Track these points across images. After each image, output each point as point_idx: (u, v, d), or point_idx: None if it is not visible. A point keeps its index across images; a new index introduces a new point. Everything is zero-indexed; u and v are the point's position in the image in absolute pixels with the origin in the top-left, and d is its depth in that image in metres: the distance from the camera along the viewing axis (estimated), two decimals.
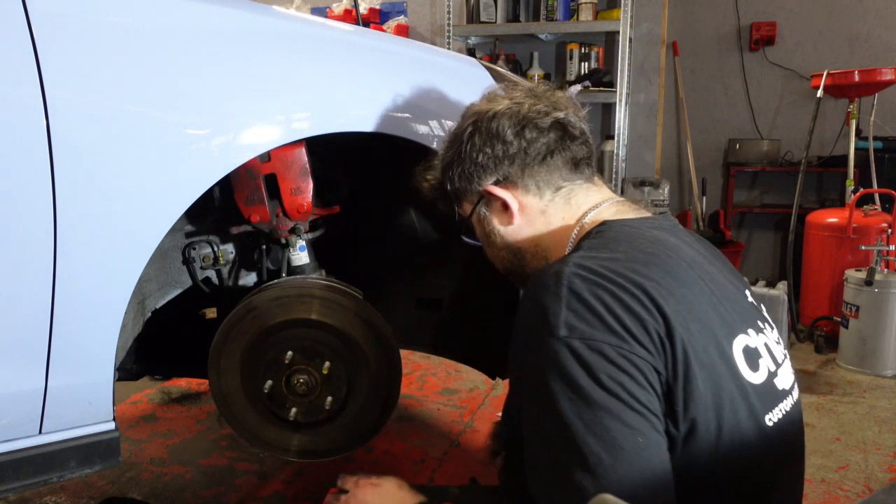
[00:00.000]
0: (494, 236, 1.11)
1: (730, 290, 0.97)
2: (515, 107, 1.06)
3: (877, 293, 3.02)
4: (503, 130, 1.04)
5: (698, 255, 0.99)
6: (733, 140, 4.34)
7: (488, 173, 1.06)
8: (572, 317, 0.82)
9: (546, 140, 1.04)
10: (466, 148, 1.07)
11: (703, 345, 0.85)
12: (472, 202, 1.10)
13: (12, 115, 0.98)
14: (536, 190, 1.06)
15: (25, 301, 1.03)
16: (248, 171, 1.35)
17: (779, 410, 0.93)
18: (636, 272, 0.86)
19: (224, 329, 1.39)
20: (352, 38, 1.36)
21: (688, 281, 0.90)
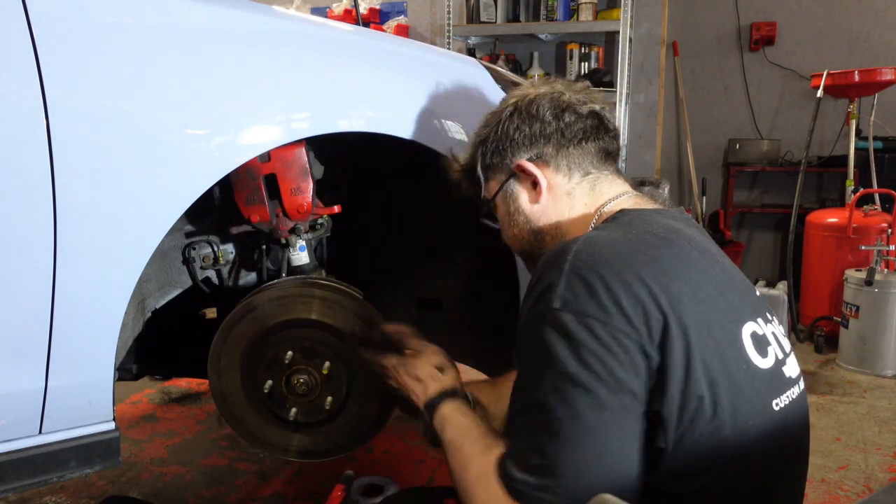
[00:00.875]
0: (518, 214, 1.12)
1: (740, 281, 1.00)
2: (556, 94, 1.10)
3: (877, 293, 3.02)
4: (543, 111, 1.08)
5: (711, 246, 1.02)
6: (733, 140, 4.34)
7: (523, 149, 1.09)
8: (568, 291, 0.85)
9: (583, 125, 1.09)
10: (505, 125, 1.10)
11: (708, 326, 0.87)
12: (501, 180, 1.13)
13: (12, 115, 0.98)
14: (567, 171, 1.09)
15: (25, 301, 1.03)
16: (248, 171, 1.35)
17: (786, 397, 0.94)
18: (643, 252, 0.89)
19: (224, 329, 1.39)
20: (352, 39, 1.36)
21: (698, 266, 0.92)
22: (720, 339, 0.88)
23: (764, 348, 0.93)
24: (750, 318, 0.94)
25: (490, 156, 1.13)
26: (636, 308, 0.84)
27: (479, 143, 1.15)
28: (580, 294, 0.85)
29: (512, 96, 1.14)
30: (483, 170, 1.14)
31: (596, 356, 0.82)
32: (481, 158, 1.14)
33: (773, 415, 0.91)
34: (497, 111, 1.14)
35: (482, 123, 1.17)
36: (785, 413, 0.93)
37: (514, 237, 1.15)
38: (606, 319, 0.83)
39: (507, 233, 1.17)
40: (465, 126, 1.41)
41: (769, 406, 0.91)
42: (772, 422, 0.91)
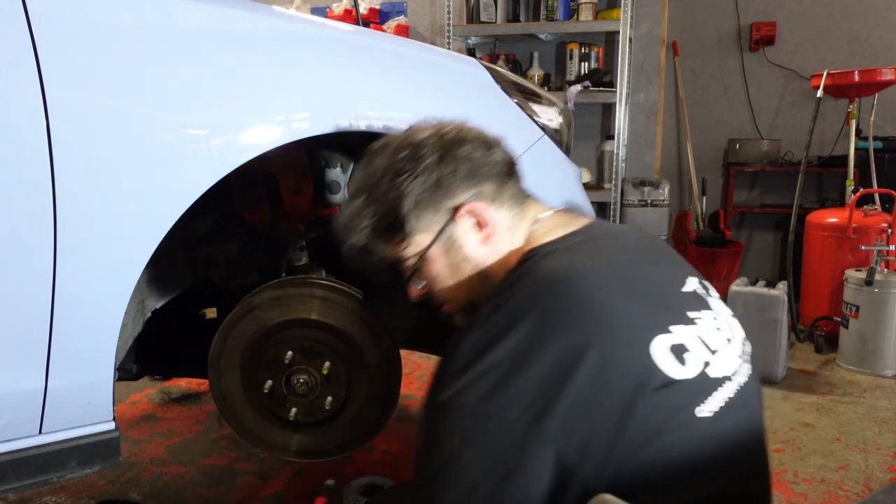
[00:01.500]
0: (465, 262, 1.05)
1: (657, 289, 0.97)
2: (471, 132, 1.07)
3: (877, 293, 3.02)
4: (471, 150, 1.04)
5: (626, 261, 0.99)
6: (733, 140, 4.34)
7: (460, 192, 1.03)
8: (456, 379, 0.85)
9: (507, 159, 1.07)
10: (432, 171, 1.02)
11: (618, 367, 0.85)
12: (435, 230, 1.04)
13: (12, 115, 0.98)
14: (507, 205, 1.06)
15: (25, 301, 1.03)
16: (248, 171, 1.35)
17: (716, 400, 0.91)
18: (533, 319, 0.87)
19: (224, 329, 1.39)
20: (352, 39, 1.36)
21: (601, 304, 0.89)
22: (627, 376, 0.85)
23: (681, 357, 0.89)
24: (661, 330, 0.90)
25: (419, 208, 1.02)
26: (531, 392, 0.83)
27: (396, 197, 1.02)
28: (472, 385, 0.84)
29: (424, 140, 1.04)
30: (410, 226, 1.03)
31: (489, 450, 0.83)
32: (410, 210, 1.02)
33: (698, 423, 0.88)
34: (411, 157, 1.03)
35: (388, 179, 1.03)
36: (719, 416, 0.90)
37: (456, 289, 1.07)
38: (500, 411, 0.83)
39: (447, 287, 1.07)
40: None
41: (693, 417, 0.88)
42: (701, 432, 0.88)
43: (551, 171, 1.61)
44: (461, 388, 0.85)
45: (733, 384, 0.95)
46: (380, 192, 1.04)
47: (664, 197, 4.16)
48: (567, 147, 1.72)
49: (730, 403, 0.93)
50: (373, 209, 1.04)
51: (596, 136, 4.57)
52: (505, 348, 0.85)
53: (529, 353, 0.85)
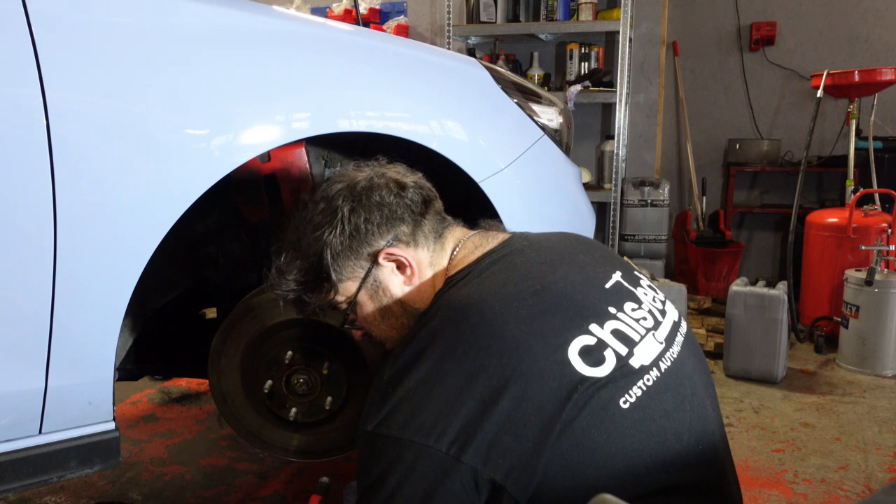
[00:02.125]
0: (392, 303, 1.10)
1: (572, 292, 0.99)
2: (383, 177, 1.11)
3: (877, 293, 3.02)
4: (383, 196, 1.08)
5: (551, 262, 1.03)
6: (733, 140, 4.34)
7: (378, 238, 1.08)
8: (378, 412, 0.91)
9: (421, 195, 1.12)
10: (349, 220, 1.06)
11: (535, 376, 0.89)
12: (359, 277, 1.09)
13: (12, 115, 0.98)
14: (424, 242, 1.10)
15: (25, 301, 1.03)
16: (248, 171, 1.35)
17: (637, 388, 0.93)
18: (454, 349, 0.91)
19: (224, 329, 1.39)
20: (352, 39, 1.36)
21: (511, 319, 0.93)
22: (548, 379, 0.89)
23: (598, 356, 0.93)
24: (579, 331, 0.94)
25: (341, 257, 1.07)
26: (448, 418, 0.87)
27: (318, 250, 1.08)
28: (384, 418, 0.90)
29: (337, 192, 1.09)
30: (336, 276, 1.08)
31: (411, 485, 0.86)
32: (332, 265, 1.07)
33: (627, 413, 0.91)
34: (326, 210, 1.08)
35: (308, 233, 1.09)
36: (641, 402, 0.92)
37: (391, 329, 1.12)
38: (421, 440, 0.87)
39: (381, 328, 1.13)
40: (464, 126, 1.41)
41: (617, 406, 0.90)
42: (625, 421, 0.90)
43: (551, 171, 1.61)
44: (382, 419, 0.91)
45: (657, 370, 0.97)
46: (302, 246, 1.10)
47: (664, 197, 4.16)
48: (567, 147, 1.72)
49: (656, 387, 0.95)
50: (298, 264, 1.10)
51: (596, 136, 4.57)
52: (416, 378, 0.91)
53: (439, 381, 0.89)
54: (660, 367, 0.98)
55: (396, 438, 0.89)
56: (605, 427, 0.89)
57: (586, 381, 0.90)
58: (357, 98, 1.28)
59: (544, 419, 0.87)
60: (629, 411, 0.91)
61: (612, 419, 0.90)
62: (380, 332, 1.14)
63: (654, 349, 0.99)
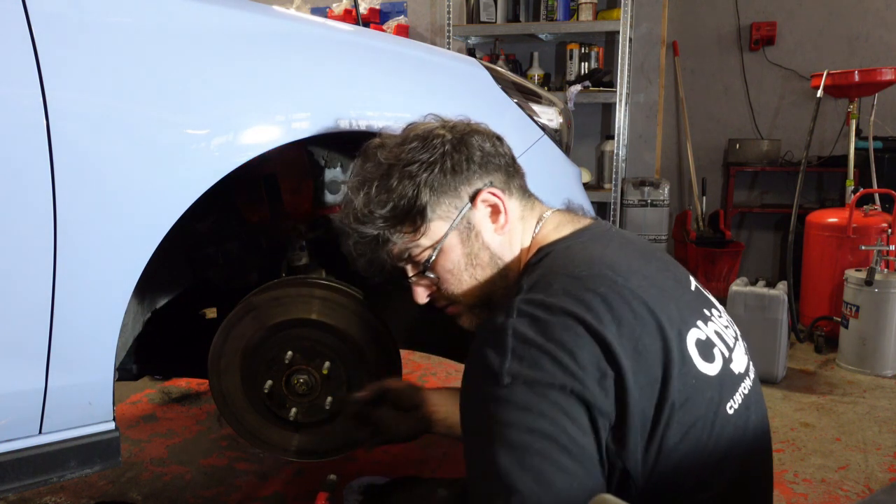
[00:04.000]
0: (483, 251, 1.04)
1: (672, 288, 0.97)
2: (478, 126, 1.09)
3: (877, 293, 3.02)
4: (482, 142, 1.05)
5: (635, 261, 0.98)
6: (733, 140, 4.34)
7: (476, 180, 1.03)
8: (516, 364, 0.83)
9: (511, 152, 1.10)
10: (450, 159, 1.02)
11: (657, 358, 0.86)
12: (451, 217, 1.02)
13: (12, 115, 0.97)
14: (518, 195, 1.08)
15: (25, 301, 1.03)
16: (248, 171, 1.35)
17: (739, 395, 0.94)
18: (578, 304, 0.86)
19: (224, 329, 1.39)
20: (352, 38, 1.36)
21: (628, 295, 0.89)
22: (673, 364, 0.87)
23: (709, 352, 0.92)
24: (691, 324, 0.93)
25: (438, 192, 1.01)
26: (585, 367, 0.83)
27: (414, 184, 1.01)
28: (530, 364, 0.83)
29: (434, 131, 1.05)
30: (431, 209, 1.01)
31: (557, 424, 0.81)
32: (428, 197, 1.00)
33: (728, 419, 0.91)
34: (422, 147, 1.02)
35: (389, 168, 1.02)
36: (740, 412, 0.93)
37: (472, 283, 1.05)
38: (560, 385, 0.82)
39: (463, 279, 1.05)
40: None
41: (723, 412, 0.91)
42: (730, 426, 0.91)
43: (551, 171, 1.61)
44: (525, 368, 0.83)
45: (749, 380, 0.98)
46: (392, 182, 1.01)
47: (664, 197, 4.16)
48: (567, 147, 1.72)
49: (748, 398, 0.96)
50: (386, 197, 1.01)
51: (596, 136, 4.57)
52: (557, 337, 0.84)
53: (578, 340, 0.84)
54: (750, 376, 0.99)
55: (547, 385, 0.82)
56: (709, 426, 0.89)
57: (702, 375, 0.89)
58: (357, 98, 1.28)
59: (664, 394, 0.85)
60: (732, 416, 0.91)
61: (718, 420, 0.89)
62: (458, 284, 1.05)
63: (743, 357, 1.00)
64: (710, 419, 0.89)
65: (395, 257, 1.06)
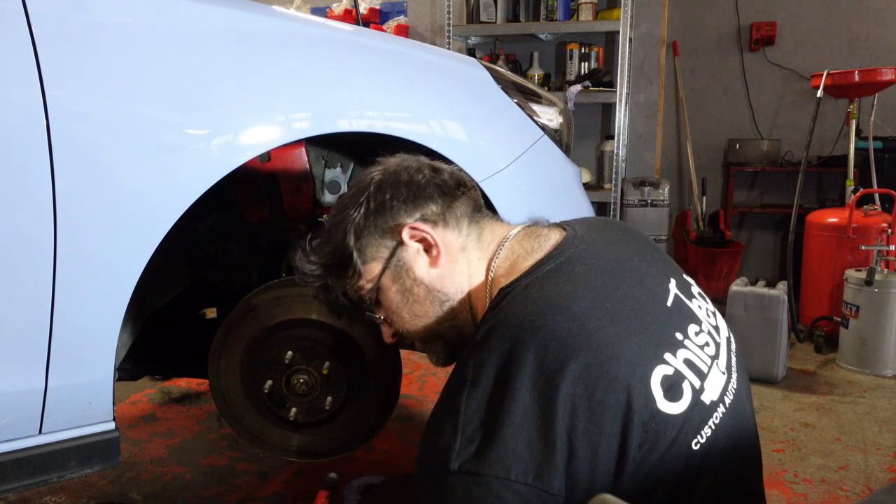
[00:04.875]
0: (418, 287, 1.03)
1: (639, 313, 0.92)
2: (416, 161, 1.07)
3: (877, 293, 3.02)
4: (414, 174, 1.04)
5: (601, 286, 0.93)
6: (733, 140, 4.34)
7: (404, 214, 1.02)
8: (464, 449, 0.81)
9: (455, 179, 1.06)
10: (376, 198, 1.02)
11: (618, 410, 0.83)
12: (384, 257, 1.03)
13: (12, 115, 0.98)
14: (455, 224, 1.04)
15: (25, 301, 1.03)
16: (248, 171, 1.35)
17: (707, 428, 0.90)
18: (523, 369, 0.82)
19: (224, 329, 1.39)
20: (352, 39, 1.36)
21: (595, 331, 0.85)
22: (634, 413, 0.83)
23: (677, 389, 0.88)
24: (658, 360, 0.88)
25: (365, 235, 1.02)
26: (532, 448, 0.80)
27: (341, 231, 1.03)
28: (475, 451, 0.81)
29: (369, 172, 1.06)
30: (359, 256, 1.02)
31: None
32: (354, 240, 1.02)
33: (693, 454, 0.88)
34: (355, 192, 1.05)
35: (335, 214, 1.06)
36: (706, 445, 0.89)
37: (415, 317, 1.05)
38: (504, 474, 0.79)
39: (405, 316, 1.05)
40: (464, 126, 1.41)
41: (686, 449, 0.87)
42: (696, 461, 0.88)
43: (551, 171, 1.61)
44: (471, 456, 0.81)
45: (723, 406, 0.94)
46: (332, 231, 1.06)
47: (664, 197, 4.16)
48: (567, 147, 1.72)
49: (722, 423, 0.93)
50: (323, 247, 1.06)
51: (596, 136, 4.57)
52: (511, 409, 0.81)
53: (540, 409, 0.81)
54: (725, 403, 0.94)
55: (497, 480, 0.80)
56: (674, 467, 0.86)
57: (662, 417, 0.85)
58: (357, 98, 1.28)
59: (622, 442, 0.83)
60: (698, 452, 0.88)
61: (683, 461, 0.87)
62: (402, 322, 1.07)
63: (719, 382, 0.95)
64: (673, 456, 0.86)
65: (345, 298, 1.11)
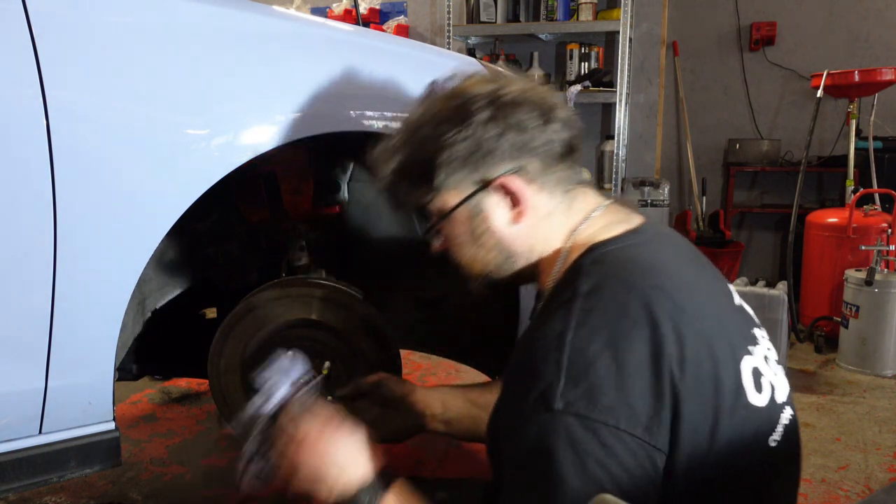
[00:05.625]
0: (487, 236, 0.96)
1: (725, 304, 0.93)
2: (538, 96, 0.95)
3: (877, 293, 3.02)
4: (527, 120, 0.92)
5: (691, 271, 0.93)
6: (733, 140, 4.34)
7: (502, 162, 0.92)
8: (570, 389, 0.77)
9: (566, 136, 0.95)
10: (479, 131, 0.91)
11: (717, 384, 0.82)
12: (464, 193, 0.95)
13: (12, 115, 0.97)
14: (550, 190, 0.95)
15: (25, 301, 1.03)
16: (248, 171, 1.35)
17: (780, 426, 0.91)
18: (637, 324, 0.80)
19: (224, 329, 1.39)
20: (352, 39, 1.36)
21: (692, 312, 0.84)
22: (727, 394, 0.83)
23: (760, 382, 0.88)
24: (745, 351, 0.88)
25: (455, 164, 0.93)
26: (643, 401, 0.78)
27: (433, 147, 0.93)
28: (585, 392, 0.77)
29: (479, 94, 0.93)
30: (441, 179, 0.94)
31: (602, 465, 0.76)
32: (441, 165, 0.93)
33: (771, 452, 0.88)
34: (460, 108, 0.93)
35: (433, 125, 0.94)
36: (781, 445, 0.90)
37: (473, 258, 0.99)
38: (615, 422, 0.76)
39: (463, 255, 1.00)
40: None
41: (767, 446, 0.87)
42: (769, 458, 0.88)
43: None
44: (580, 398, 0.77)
45: (789, 409, 0.94)
46: (419, 136, 0.96)
47: (664, 197, 4.16)
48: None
49: (788, 429, 0.92)
50: (406, 151, 0.97)
51: (596, 136, 4.57)
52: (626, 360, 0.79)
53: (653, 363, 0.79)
54: (792, 405, 0.94)
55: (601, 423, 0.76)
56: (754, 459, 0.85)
57: (751, 407, 0.85)
58: (357, 98, 1.28)
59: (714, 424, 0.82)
60: (774, 450, 0.88)
61: (763, 456, 0.87)
62: (459, 255, 1.00)
63: (785, 384, 0.95)
64: (756, 455, 0.85)
65: (412, 207, 1.02)
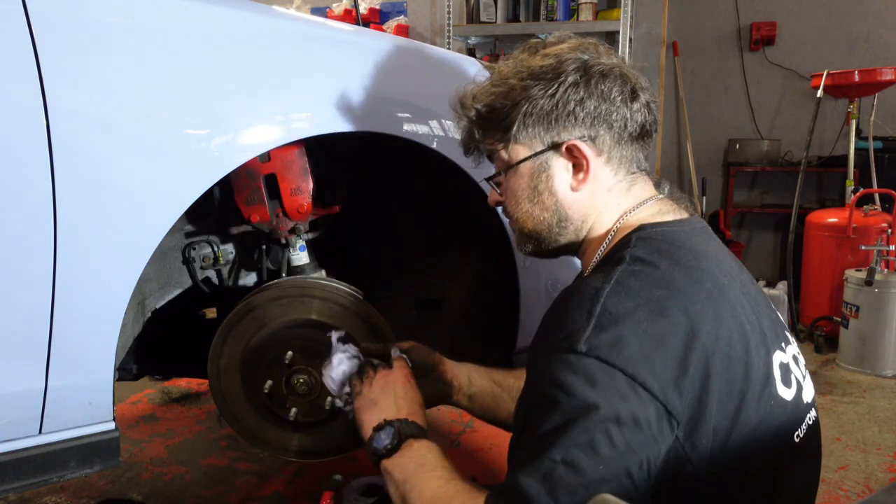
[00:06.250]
0: (547, 195, 0.99)
1: (761, 302, 0.96)
2: (625, 72, 0.98)
3: (877, 293, 3.02)
4: (612, 91, 0.95)
5: (733, 263, 0.98)
6: (733, 140, 4.34)
7: (578, 127, 0.95)
8: (597, 335, 0.80)
9: (644, 118, 0.99)
10: (565, 92, 0.94)
11: (746, 369, 0.84)
12: (535, 149, 0.98)
13: (12, 115, 0.97)
14: (616, 166, 0.99)
15: (25, 301, 1.03)
16: (248, 171, 1.35)
17: (805, 425, 0.93)
18: (677, 294, 0.84)
19: (224, 329, 1.39)
20: (352, 38, 1.36)
21: (732, 299, 0.88)
22: (753, 383, 0.85)
23: (788, 377, 0.91)
24: (776, 346, 0.91)
25: (533, 120, 0.96)
26: (666, 364, 0.80)
27: (518, 98, 0.97)
28: (610, 341, 0.80)
29: (572, 58, 0.96)
30: (515, 131, 0.97)
31: (612, 410, 0.78)
32: (521, 117, 0.96)
33: (794, 447, 0.90)
34: (551, 67, 0.96)
35: (522, 78, 0.97)
36: (804, 442, 0.92)
37: (528, 214, 1.02)
38: (632, 374, 0.79)
39: (520, 208, 1.02)
40: None
41: (791, 440, 0.90)
42: (793, 453, 0.90)
43: None
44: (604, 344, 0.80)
45: (814, 412, 0.97)
46: (507, 85, 0.98)
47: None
48: None
49: (811, 429, 0.95)
50: (492, 96, 1.00)
51: None
52: (658, 322, 0.81)
53: (686, 335, 0.81)
54: (816, 408, 0.98)
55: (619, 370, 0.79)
56: (774, 451, 0.87)
57: (778, 399, 0.87)
58: (357, 97, 1.28)
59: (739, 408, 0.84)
60: (798, 446, 0.90)
61: (787, 450, 0.89)
62: (514, 208, 1.03)
63: (811, 388, 0.98)
64: (779, 445, 0.87)
65: (483, 150, 1.07)
